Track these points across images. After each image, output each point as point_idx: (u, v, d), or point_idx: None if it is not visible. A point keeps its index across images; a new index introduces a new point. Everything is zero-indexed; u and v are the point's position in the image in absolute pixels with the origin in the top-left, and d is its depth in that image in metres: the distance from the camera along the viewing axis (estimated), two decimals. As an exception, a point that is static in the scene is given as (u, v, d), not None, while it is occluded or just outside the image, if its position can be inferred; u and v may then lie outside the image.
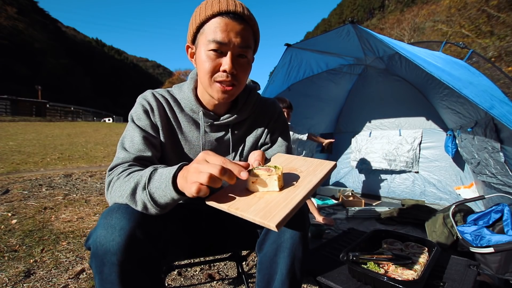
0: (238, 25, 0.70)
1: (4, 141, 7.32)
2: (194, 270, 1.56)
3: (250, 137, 0.91)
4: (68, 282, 1.36)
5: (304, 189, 0.54)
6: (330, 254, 1.17)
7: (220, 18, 0.69)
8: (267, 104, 0.95)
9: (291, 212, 0.49)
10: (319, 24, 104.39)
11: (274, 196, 0.54)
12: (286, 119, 0.98)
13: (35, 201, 2.64)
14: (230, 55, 0.71)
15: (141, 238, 0.58)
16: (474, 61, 2.29)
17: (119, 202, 0.62)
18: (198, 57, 0.75)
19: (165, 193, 0.56)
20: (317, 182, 0.56)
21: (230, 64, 0.71)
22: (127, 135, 0.77)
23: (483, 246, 1.41)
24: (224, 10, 0.69)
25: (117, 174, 0.66)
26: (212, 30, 0.70)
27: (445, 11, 19.06)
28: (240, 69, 0.74)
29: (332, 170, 0.62)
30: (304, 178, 0.58)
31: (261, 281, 0.74)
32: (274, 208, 0.50)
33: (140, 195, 0.59)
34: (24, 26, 77.50)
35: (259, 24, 0.78)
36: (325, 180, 0.59)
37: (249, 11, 0.74)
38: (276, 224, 0.46)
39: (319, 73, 3.26)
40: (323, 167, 0.61)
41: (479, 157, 2.15)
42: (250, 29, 0.73)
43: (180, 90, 0.86)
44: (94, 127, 16.27)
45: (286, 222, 0.48)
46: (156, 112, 0.80)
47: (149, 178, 0.59)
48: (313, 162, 0.65)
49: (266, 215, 0.49)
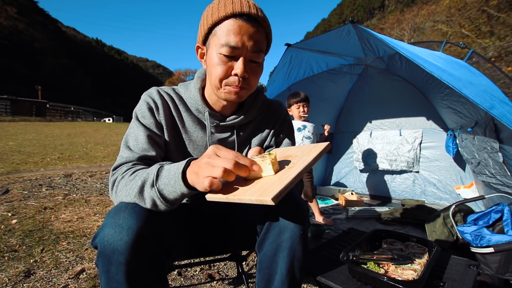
0: (251, 27, 0.68)
1: (4, 141, 7.32)
2: (194, 270, 1.56)
3: (255, 139, 0.91)
4: (68, 282, 1.36)
5: (298, 168, 0.55)
6: (330, 254, 1.17)
7: (233, 20, 0.67)
8: (273, 106, 0.94)
9: (287, 187, 0.50)
10: (319, 24, 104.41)
11: (270, 178, 0.56)
12: (291, 121, 0.98)
13: (35, 201, 2.64)
14: (242, 59, 0.69)
15: (148, 237, 0.58)
16: (474, 61, 2.28)
17: (126, 201, 0.62)
18: (210, 59, 0.73)
19: (175, 189, 0.57)
20: (311, 160, 0.58)
21: (243, 69, 0.69)
22: (131, 133, 0.76)
23: (483, 246, 1.41)
24: (238, 11, 0.66)
25: (121, 173, 0.67)
26: (225, 33, 0.68)
27: (445, 11, 19.08)
28: (252, 73, 0.73)
29: (326, 150, 0.63)
30: (299, 159, 0.60)
31: (261, 280, 0.74)
32: (270, 187, 0.51)
33: (149, 192, 0.60)
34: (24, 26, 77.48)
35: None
36: (318, 160, 0.61)
37: (263, 12, 0.72)
38: (272, 197, 0.47)
39: (319, 73, 3.26)
40: (316, 148, 0.63)
41: (479, 157, 2.15)
42: (263, 31, 0.72)
43: (186, 89, 0.85)
44: (94, 127, 16.27)
45: (282, 196, 0.49)
46: (161, 110, 0.79)
47: (156, 175, 0.60)
48: (308, 147, 0.66)
49: (262, 193, 0.50)
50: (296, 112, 2.40)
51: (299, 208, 0.72)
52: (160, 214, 0.63)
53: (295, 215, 0.70)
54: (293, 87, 3.14)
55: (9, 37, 69.75)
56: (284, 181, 0.51)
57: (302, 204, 0.75)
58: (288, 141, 0.94)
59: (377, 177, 3.55)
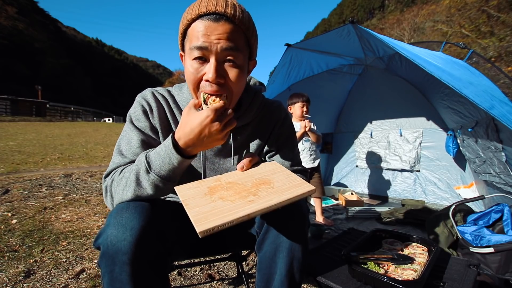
0: (220, 26, 0.62)
1: (4, 141, 7.32)
2: (194, 270, 1.56)
3: (253, 143, 0.88)
4: (68, 282, 1.36)
5: (252, 208, 0.54)
6: (330, 254, 1.17)
7: (200, 22, 0.63)
8: (272, 108, 0.89)
9: (223, 225, 0.51)
10: (319, 24, 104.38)
11: (228, 201, 0.56)
12: (292, 123, 0.94)
13: (35, 201, 2.64)
14: (214, 61, 0.63)
15: (151, 236, 0.58)
16: (474, 61, 2.28)
17: (124, 199, 0.63)
18: (184, 66, 0.69)
19: (171, 165, 0.61)
20: (274, 204, 0.55)
21: (214, 73, 0.63)
22: (124, 136, 0.75)
23: (483, 246, 1.41)
24: (203, 12, 0.62)
25: (111, 177, 0.68)
26: (193, 36, 0.63)
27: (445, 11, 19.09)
28: (230, 76, 0.66)
29: (306, 195, 0.59)
30: (267, 195, 0.58)
31: (260, 281, 0.74)
32: (213, 215, 0.52)
33: (147, 180, 0.62)
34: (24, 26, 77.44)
35: (259, 25, 0.73)
36: (299, 199, 0.59)
37: (237, 8, 0.64)
38: (199, 231, 0.48)
39: (319, 73, 3.26)
40: (295, 190, 0.59)
41: (484, 155, 2.14)
42: (237, 28, 0.65)
43: (180, 91, 0.83)
44: (94, 127, 16.26)
45: (216, 232, 0.50)
46: (155, 113, 0.77)
47: (147, 162, 0.62)
48: (293, 182, 0.63)
49: (201, 218, 0.51)
50: (299, 112, 2.39)
51: (299, 208, 0.71)
52: (162, 213, 0.63)
53: (295, 215, 0.70)
54: (293, 87, 3.14)
55: (9, 37, 69.72)
56: (225, 218, 0.51)
57: (302, 204, 0.75)
58: (288, 145, 0.90)
59: (378, 177, 3.55)
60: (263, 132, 0.88)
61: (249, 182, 0.63)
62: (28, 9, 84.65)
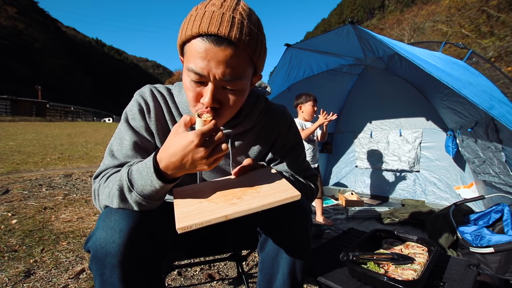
0: (221, 51, 0.56)
1: (4, 141, 7.31)
2: (194, 270, 1.56)
3: (254, 149, 0.83)
4: (68, 282, 1.36)
5: (232, 209, 0.55)
6: (330, 254, 1.17)
7: (200, 41, 0.57)
8: (277, 113, 0.84)
9: (200, 224, 0.52)
10: (319, 24, 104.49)
11: (212, 203, 0.58)
12: (298, 130, 0.89)
13: (35, 201, 2.64)
14: (211, 87, 0.60)
15: (140, 238, 0.57)
16: (474, 61, 2.29)
17: (112, 206, 0.62)
18: (183, 77, 0.65)
19: (153, 188, 0.57)
20: (254, 207, 0.55)
21: (210, 99, 0.60)
22: (117, 134, 0.73)
23: (483, 246, 1.42)
24: (204, 32, 0.55)
25: (99, 181, 0.66)
26: (191, 55, 0.58)
27: (445, 11, 19.11)
28: (226, 102, 0.63)
29: (290, 200, 0.58)
30: (251, 199, 0.58)
31: (262, 280, 0.74)
32: (195, 214, 0.54)
33: (130, 197, 0.59)
34: (24, 26, 77.50)
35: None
36: (282, 204, 0.58)
37: (244, 28, 0.57)
38: (177, 227, 0.51)
39: (319, 73, 3.26)
40: (280, 195, 0.58)
41: (484, 156, 2.14)
42: (242, 53, 0.59)
43: (179, 92, 0.79)
44: (94, 127, 16.26)
45: (194, 229, 0.52)
46: (152, 113, 0.73)
47: (129, 180, 0.58)
48: (280, 187, 0.62)
49: (183, 217, 0.53)
50: (311, 111, 2.43)
51: (303, 209, 0.71)
52: (152, 213, 0.62)
53: (298, 216, 0.70)
54: (293, 87, 3.14)
55: (9, 37, 69.75)
56: (205, 218, 0.53)
57: (306, 205, 0.74)
58: (294, 154, 0.86)
59: (378, 177, 3.55)
60: (266, 139, 0.83)
61: (239, 187, 0.64)
62: (28, 9, 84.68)
